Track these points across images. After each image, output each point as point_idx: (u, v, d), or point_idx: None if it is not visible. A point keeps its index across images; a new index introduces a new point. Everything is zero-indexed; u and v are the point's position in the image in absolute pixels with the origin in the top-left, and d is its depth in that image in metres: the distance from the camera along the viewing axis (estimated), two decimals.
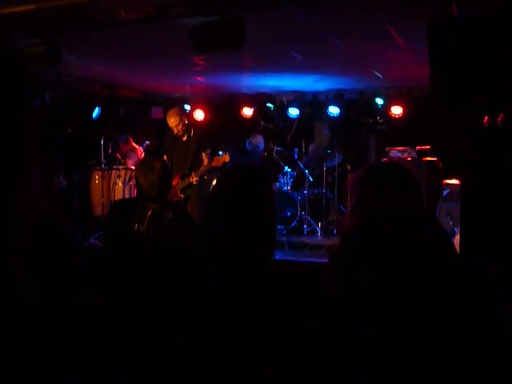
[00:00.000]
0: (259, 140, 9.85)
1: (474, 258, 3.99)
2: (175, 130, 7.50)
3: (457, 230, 5.98)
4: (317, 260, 7.47)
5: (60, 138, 8.73)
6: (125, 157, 9.61)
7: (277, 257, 7.34)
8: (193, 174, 7.34)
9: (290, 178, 9.61)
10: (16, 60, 0.91)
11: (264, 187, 1.91)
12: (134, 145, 9.83)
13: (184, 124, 7.50)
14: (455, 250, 1.21)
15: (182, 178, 7.45)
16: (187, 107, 10.45)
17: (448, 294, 1.12)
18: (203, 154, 7.56)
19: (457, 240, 5.75)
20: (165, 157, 7.74)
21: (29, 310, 0.91)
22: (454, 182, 7.35)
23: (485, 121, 5.94)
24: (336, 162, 9.43)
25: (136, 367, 1.62)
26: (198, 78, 8.74)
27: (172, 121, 7.48)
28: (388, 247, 1.13)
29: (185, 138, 7.60)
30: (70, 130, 8.86)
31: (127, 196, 8.85)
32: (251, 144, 9.72)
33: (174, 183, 7.49)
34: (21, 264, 0.91)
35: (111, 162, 9.27)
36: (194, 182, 7.31)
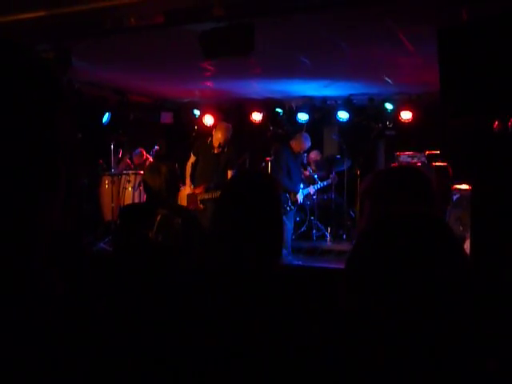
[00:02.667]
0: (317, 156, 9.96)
1: (484, 262, 3.97)
2: (215, 144, 7.55)
3: (467, 235, 5.95)
4: (326, 265, 7.46)
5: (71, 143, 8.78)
6: (139, 167, 9.65)
7: (286, 262, 7.33)
8: None
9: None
10: (44, 63, 0.93)
11: (271, 192, 1.92)
12: (147, 155, 9.88)
13: (226, 143, 7.57)
14: (466, 256, 1.21)
15: (207, 190, 7.45)
16: (197, 112, 10.48)
17: (460, 298, 1.12)
18: (229, 171, 7.60)
19: (467, 245, 5.73)
20: (192, 158, 7.78)
21: (60, 308, 0.92)
22: (464, 187, 7.32)
23: (495, 125, 5.92)
24: (345, 167, 9.42)
25: (144, 369, 1.63)
26: (208, 84, 8.76)
27: (219, 136, 7.55)
28: (400, 252, 1.14)
29: (216, 151, 7.62)
30: (80, 135, 8.90)
31: (137, 201, 8.87)
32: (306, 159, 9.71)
33: (197, 191, 7.52)
34: (49, 264, 0.92)
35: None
36: None
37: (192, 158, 7.84)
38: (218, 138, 7.57)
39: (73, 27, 5.17)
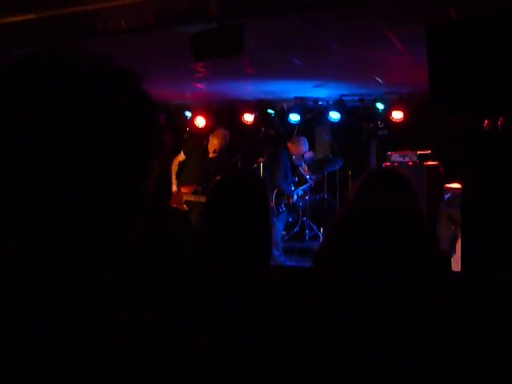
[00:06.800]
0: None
1: (475, 261, 3.98)
2: (210, 149, 7.59)
3: (459, 234, 5.96)
4: None
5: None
6: None
7: (278, 263, 7.33)
8: None
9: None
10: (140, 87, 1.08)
11: (259, 194, 1.92)
12: None
13: (221, 150, 7.62)
14: (432, 239, 1.22)
15: (195, 192, 7.42)
16: (188, 114, 10.47)
17: (422, 283, 1.13)
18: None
19: (458, 244, 5.74)
20: (181, 156, 7.75)
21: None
22: (455, 186, 7.34)
23: (485, 124, 5.93)
24: (337, 167, 9.43)
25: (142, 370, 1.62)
26: (199, 85, 8.75)
27: (215, 142, 7.61)
28: (363, 235, 1.15)
29: (210, 156, 7.65)
30: None
31: None
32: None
33: (184, 191, 7.50)
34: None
35: None
36: None
37: (181, 157, 7.83)
38: (213, 143, 7.62)
39: (62, 30, 5.16)
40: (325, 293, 1.22)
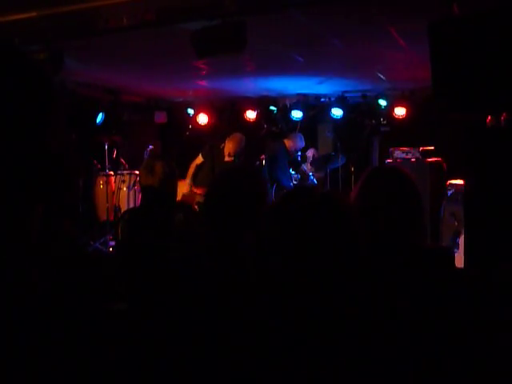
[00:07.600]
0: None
1: (478, 257, 3.98)
2: (225, 154, 7.67)
3: (462, 230, 5.95)
4: None
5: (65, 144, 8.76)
6: None
7: None
8: None
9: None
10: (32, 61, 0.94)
11: (258, 188, 1.92)
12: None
13: (237, 154, 7.69)
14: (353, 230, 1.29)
15: None
16: (191, 111, 10.47)
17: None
18: None
19: (462, 240, 5.73)
20: (199, 159, 7.82)
21: (41, 306, 0.92)
22: (458, 182, 7.33)
23: (488, 120, 5.93)
24: (340, 163, 9.42)
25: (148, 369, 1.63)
26: (201, 83, 8.75)
27: (230, 146, 7.70)
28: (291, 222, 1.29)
29: (226, 159, 7.73)
30: (74, 136, 8.87)
31: (132, 200, 8.88)
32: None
33: (198, 192, 7.55)
34: (33, 264, 0.92)
35: (115, 167, 9.30)
36: None
37: (199, 159, 7.96)
38: (229, 147, 7.75)
39: (65, 28, 5.16)
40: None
